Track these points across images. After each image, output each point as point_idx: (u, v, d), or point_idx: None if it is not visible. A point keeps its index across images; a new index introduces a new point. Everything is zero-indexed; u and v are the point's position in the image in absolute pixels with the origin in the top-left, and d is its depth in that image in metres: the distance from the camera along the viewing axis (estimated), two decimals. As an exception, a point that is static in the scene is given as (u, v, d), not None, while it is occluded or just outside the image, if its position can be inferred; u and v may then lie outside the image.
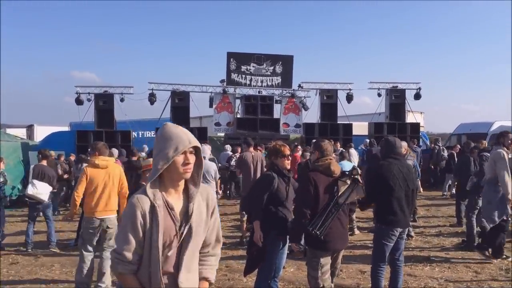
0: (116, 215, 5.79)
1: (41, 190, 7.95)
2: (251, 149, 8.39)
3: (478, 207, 7.66)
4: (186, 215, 2.27)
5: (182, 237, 2.24)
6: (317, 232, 4.15)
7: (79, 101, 17.46)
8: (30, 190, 7.96)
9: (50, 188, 8.10)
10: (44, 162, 8.45)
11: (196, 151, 2.26)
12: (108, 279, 5.77)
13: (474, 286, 5.75)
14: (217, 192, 8.22)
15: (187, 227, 2.25)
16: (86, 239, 5.74)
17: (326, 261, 4.41)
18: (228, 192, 14.49)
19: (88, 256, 5.71)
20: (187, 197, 2.31)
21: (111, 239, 5.72)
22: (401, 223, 4.80)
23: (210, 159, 8.45)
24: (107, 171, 5.73)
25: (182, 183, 2.30)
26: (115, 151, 10.91)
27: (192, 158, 2.23)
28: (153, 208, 2.19)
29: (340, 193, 4.33)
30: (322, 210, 4.25)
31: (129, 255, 2.18)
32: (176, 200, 2.29)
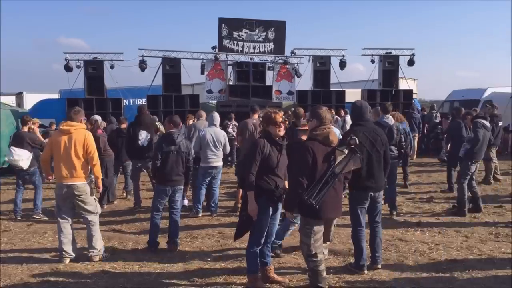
0: (85, 182, 5.67)
1: (18, 156, 7.83)
2: (255, 116, 8.29)
3: (470, 173, 7.70)
4: None
5: None
6: (313, 202, 4.15)
7: (68, 68, 17.14)
8: (8, 157, 7.93)
9: (29, 154, 7.97)
10: (25, 129, 8.34)
11: None
12: (99, 244, 5.78)
13: (464, 249, 5.83)
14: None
15: None
16: (59, 206, 5.75)
17: (319, 229, 4.44)
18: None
19: (64, 224, 5.70)
20: None
21: (86, 205, 5.68)
22: (372, 188, 4.93)
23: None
24: (70, 137, 5.58)
25: None
26: (97, 117, 10.76)
27: None
28: None
29: (337, 163, 4.32)
30: (318, 180, 4.25)
31: None
32: None
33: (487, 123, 7.90)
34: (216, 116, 8.24)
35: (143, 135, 8.60)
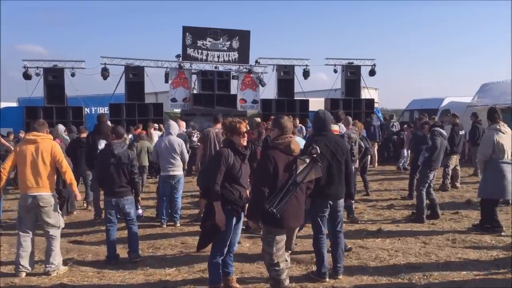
0: (51, 193, 5.55)
1: None
2: (218, 125, 8.28)
3: (429, 181, 7.91)
4: None
5: None
6: (274, 210, 4.17)
7: (27, 76, 16.73)
8: None
9: None
10: None
11: None
12: (57, 259, 5.61)
13: (422, 255, 5.97)
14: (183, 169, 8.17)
15: None
16: (21, 217, 5.57)
17: (281, 238, 4.45)
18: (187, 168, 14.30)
19: (25, 237, 5.52)
20: None
21: (50, 218, 5.53)
22: (332, 197, 5.01)
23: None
24: (37, 146, 5.47)
25: None
26: (61, 128, 10.52)
27: None
28: None
29: (298, 172, 4.36)
30: (280, 188, 4.27)
31: None
32: None
33: (443, 132, 8.15)
34: (172, 125, 8.14)
35: (103, 145, 8.43)
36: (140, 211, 8.21)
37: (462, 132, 11.26)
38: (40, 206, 5.47)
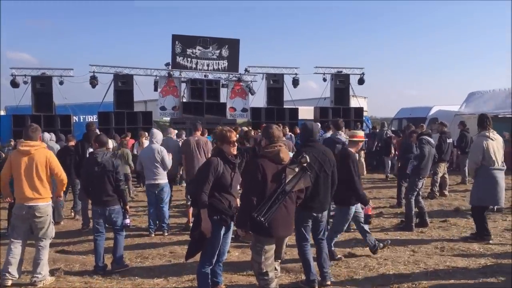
0: (48, 202, 5.53)
1: None
2: (198, 133, 8.26)
3: (417, 189, 7.94)
4: None
5: None
6: (262, 219, 4.15)
7: (14, 84, 16.60)
8: None
9: None
10: None
11: None
12: (44, 269, 5.53)
13: (411, 264, 5.98)
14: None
15: None
16: (15, 226, 5.51)
17: (270, 247, 4.43)
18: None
19: (16, 244, 5.44)
20: None
21: (43, 228, 5.49)
22: (315, 208, 5.06)
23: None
24: (31, 157, 5.41)
25: None
26: (46, 136, 10.43)
27: None
28: None
29: (287, 181, 4.35)
30: (268, 197, 4.25)
31: None
32: None
33: (431, 140, 8.21)
34: (155, 133, 8.00)
35: None
36: (127, 220, 8.12)
37: (449, 140, 11.35)
38: (36, 216, 5.42)
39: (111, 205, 5.96)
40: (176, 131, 9.29)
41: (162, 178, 7.82)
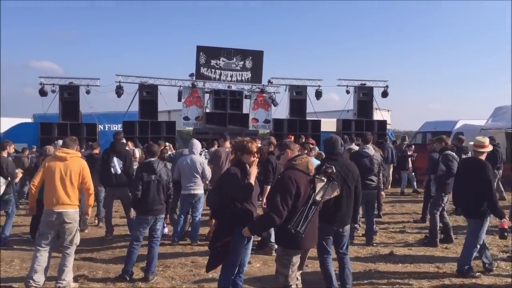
0: (77, 209, 5.64)
1: None
2: (227, 143, 8.31)
3: (443, 204, 7.81)
4: None
5: None
6: (300, 231, 4.10)
7: (43, 93, 16.98)
8: None
9: (4, 180, 7.74)
10: (4, 154, 8.11)
11: None
12: (69, 276, 5.62)
13: (436, 281, 5.87)
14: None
15: None
16: (42, 233, 5.60)
17: (297, 259, 4.39)
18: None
19: (42, 251, 5.55)
20: None
21: (71, 235, 5.58)
22: (337, 223, 5.00)
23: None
24: (66, 164, 5.58)
25: None
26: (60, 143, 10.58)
27: None
28: None
29: (317, 191, 4.30)
30: (302, 209, 4.19)
31: None
32: None
33: (455, 155, 8.05)
34: (195, 143, 8.12)
35: (116, 162, 8.48)
36: (166, 229, 8.21)
37: (465, 156, 11.11)
38: (65, 222, 5.53)
39: (159, 213, 6.07)
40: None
41: (200, 189, 7.94)
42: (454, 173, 7.67)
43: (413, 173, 14.59)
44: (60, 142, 10.63)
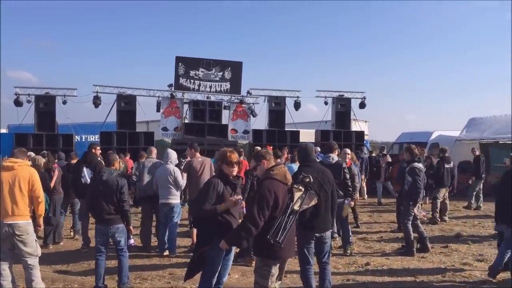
0: (28, 221, 5.39)
1: None
2: (198, 154, 8.27)
3: (412, 213, 7.85)
4: None
5: None
6: (279, 241, 4.08)
7: (18, 103, 16.69)
8: None
9: None
10: None
11: None
12: (39, 286, 5.46)
13: (412, 290, 5.94)
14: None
15: None
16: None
17: (276, 269, 4.38)
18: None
19: (3, 265, 5.32)
20: None
21: (26, 246, 5.33)
22: (318, 228, 4.98)
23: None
24: (14, 173, 5.34)
25: None
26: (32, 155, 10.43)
27: None
28: None
29: (295, 200, 4.31)
30: (280, 219, 4.17)
31: None
32: None
33: (420, 165, 8.09)
34: (170, 153, 8.04)
35: (86, 173, 8.38)
36: (131, 240, 8.11)
37: (449, 165, 11.34)
38: (16, 234, 5.28)
39: (114, 223, 5.90)
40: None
41: (174, 198, 7.84)
42: (420, 186, 7.76)
43: (389, 182, 14.78)
44: (32, 154, 10.45)
